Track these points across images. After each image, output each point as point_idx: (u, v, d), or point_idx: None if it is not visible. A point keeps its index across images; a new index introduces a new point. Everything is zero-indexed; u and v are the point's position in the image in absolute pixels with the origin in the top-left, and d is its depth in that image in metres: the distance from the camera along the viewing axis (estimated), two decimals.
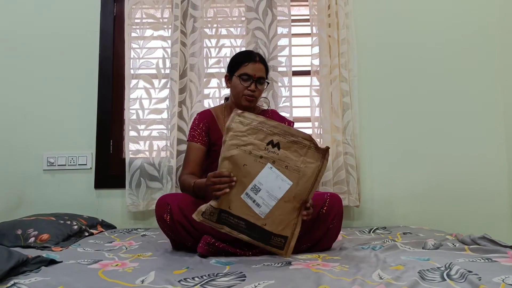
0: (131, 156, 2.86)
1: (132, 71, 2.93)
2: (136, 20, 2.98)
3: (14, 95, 2.98)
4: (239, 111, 1.77)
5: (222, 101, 2.39)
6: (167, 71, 2.92)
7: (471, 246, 1.82)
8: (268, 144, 1.72)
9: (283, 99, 2.90)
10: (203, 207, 1.70)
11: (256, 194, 1.68)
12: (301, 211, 1.72)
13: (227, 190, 1.67)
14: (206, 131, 2.20)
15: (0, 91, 2.98)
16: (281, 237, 1.70)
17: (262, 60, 2.17)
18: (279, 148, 1.72)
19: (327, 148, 1.75)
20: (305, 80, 2.98)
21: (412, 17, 3.05)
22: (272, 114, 2.31)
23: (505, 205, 2.93)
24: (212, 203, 1.70)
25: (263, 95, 2.82)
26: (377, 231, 2.46)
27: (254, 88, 2.11)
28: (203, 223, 1.71)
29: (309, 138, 1.74)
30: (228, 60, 2.25)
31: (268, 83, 2.20)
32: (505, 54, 2.99)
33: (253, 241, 1.71)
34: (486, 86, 3.00)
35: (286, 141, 1.72)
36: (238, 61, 2.15)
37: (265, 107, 2.41)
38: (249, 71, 2.10)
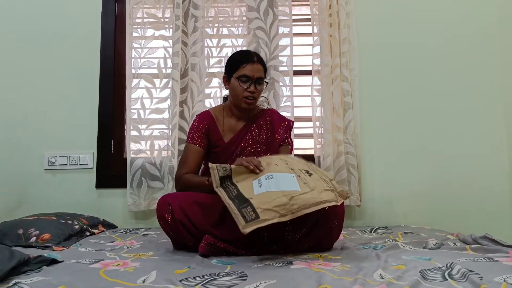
0: (132, 155, 2.86)
1: (133, 71, 2.93)
2: (137, 20, 2.99)
3: (15, 95, 2.99)
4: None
5: (224, 101, 2.38)
6: (168, 70, 2.92)
7: (472, 246, 1.82)
8: (304, 170, 1.87)
9: (284, 98, 2.90)
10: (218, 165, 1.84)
11: (265, 180, 1.75)
12: (285, 217, 1.64)
13: (251, 167, 1.81)
14: (206, 133, 2.20)
15: (1, 91, 2.99)
16: (255, 214, 1.60)
17: (260, 60, 2.16)
18: (310, 175, 1.84)
19: (346, 195, 1.82)
20: (306, 79, 2.98)
21: (412, 17, 3.05)
22: (272, 114, 2.30)
23: (506, 205, 2.93)
24: (227, 166, 1.83)
25: (264, 94, 2.83)
26: (378, 230, 2.46)
27: (254, 90, 2.11)
28: (212, 170, 1.79)
29: (336, 186, 1.83)
30: None
31: (267, 83, 2.20)
32: (505, 54, 2.99)
33: (229, 201, 1.68)
34: (486, 85, 3.00)
35: (318, 176, 1.85)
36: (236, 62, 2.13)
37: (265, 106, 2.41)
38: (247, 73, 2.10)
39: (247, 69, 2.10)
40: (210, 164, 1.84)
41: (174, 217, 1.84)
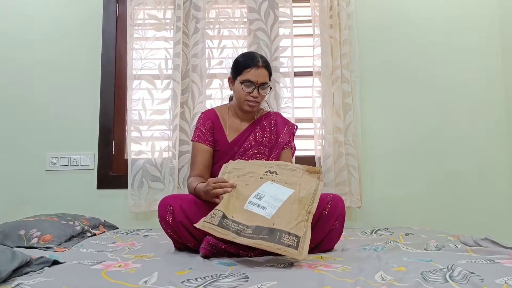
0: (133, 156, 2.86)
1: (134, 72, 2.94)
2: (138, 21, 2.99)
3: (17, 95, 2.99)
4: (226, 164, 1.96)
5: (225, 101, 2.39)
6: (169, 72, 2.92)
7: (473, 248, 1.82)
8: (266, 172, 1.86)
9: (285, 100, 2.91)
10: (204, 218, 1.69)
11: (260, 200, 1.71)
12: (308, 218, 1.67)
13: (229, 189, 1.75)
14: (211, 131, 2.20)
15: (2, 92, 2.99)
16: (293, 236, 1.56)
17: (266, 65, 2.14)
18: (276, 174, 1.85)
19: (319, 170, 1.85)
20: (307, 81, 2.99)
21: (413, 18, 3.06)
22: (276, 117, 2.31)
23: (507, 206, 2.93)
24: (218, 207, 1.72)
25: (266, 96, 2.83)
26: (379, 232, 2.45)
27: (257, 95, 2.11)
28: (204, 229, 1.65)
29: (302, 167, 1.88)
30: (230, 61, 2.25)
31: (271, 88, 2.19)
32: (506, 53, 2.99)
33: (262, 242, 1.55)
34: (488, 86, 3.01)
35: (282, 169, 1.88)
36: (241, 66, 2.12)
37: (269, 109, 2.41)
38: (251, 78, 2.09)
39: (251, 74, 2.09)
40: (197, 225, 1.68)
41: (175, 219, 1.84)
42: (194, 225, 1.69)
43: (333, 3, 2.93)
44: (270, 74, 2.17)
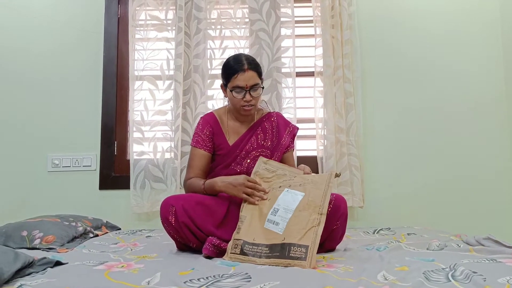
0: (135, 157, 2.87)
1: (136, 73, 2.94)
2: (140, 22, 3.00)
3: (19, 97, 3.00)
4: (264, 159, 2.04)
5: (227, 102, 2.38)
6: (171, 72, 2.93)
7: (475, 247, 1.82)
8: (287, 179, 1.93)
9: (287, 100, 2.91)
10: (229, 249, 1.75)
11: (275, 216, 1.75)
12: (320, 221, 1.70)
13: (257, 202, 1.84)
14: (210, 137, 2.20)
15: (4, 93, 3.00)
16: (301, 247, 1.61)
17: (252, 66, 2.09)
18: (295, 178, 1.92)
19: (338, 173, 1.91)
20: (309, 81, 2.98)
21: (415, 18, 3.05)
22: (277, 118, 2.29)
23: (509, 206, 2.92)
24: (235, 235, 1.77)
25: (267, 96, 2.84)
26: (381, 232, 2.45)
27: (250, 98, 2.09)
28: (232, 261, 1.70)
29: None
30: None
31: (263, 87, 2.16)
32: (507, 53, 2.98)
33: (276, 260, 1.61)
34: (490, 87, 3.00)
35: (290, 175, 1.95)
36: (229, 73, 2.10)
37: (270, 110, 2.41)
38: (240, 83, 2.07)
39: (238, 80, 2.07)
40: (225, 257, 1.74)
41: (178, 219, 1.84)
42: (223, 258, 1.74)
43: (334, 3, 2.92)
44: (259, 74, 2.13)
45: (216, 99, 2.93)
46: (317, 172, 2.85)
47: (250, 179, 1.91)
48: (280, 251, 1.63)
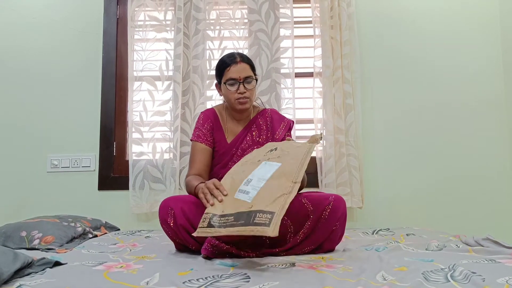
0: (134, 158, 2.87)
1: (135, 73, 2.94)
2: (139, 22, 3.00)
3: (18, 97, 3.00)
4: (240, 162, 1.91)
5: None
6: (170, 73, 2.93)
7: (474, 247, 1.82)
8: (267, 152, 1.84)
9: (286, 100, 2.91)
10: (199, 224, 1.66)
11: (247, 185, 1.66)
12: (292, 189, 1.58)
13: (212, 202, 1.70)
14: (211, 131, 2.20)
15: (3, 94, 3.00)
16: (268, 213, 1.49)
17: (244, 59, 2.13)
18: (276, 150, 1.82)
19: (320, 136, 1.82)
20: (308, 81, 2.99)
21: (414, 18, 3.06)
22: (272, 114, 2.29)
23: (508, 206, 2.93)
24: (206, 210, 1.69)
25: (266, 96, 2.84)
26: (381, 232, 2.45)
27: (243, 90, 2.10)
28: (199, 235, 1.63)
29: (307, 140, 1.83)
30: None
31: (256, 80, 2.17)
32: (507, 53, 2.99)
33: (239, 228, 1.51)
34: (490, 86, 3.01)
35: (284, 144, 1.85)
36: (221, 68, 2.13)
37: (267, 106, 2.41)
38: (233, 75, 2.09)
39: (231, 72, 2.09)
40: (194, 234, 1.66)
41: (177, 222, 1.83)
42: (192, 234, 1.68)
43: (333, 4, 2.93)
44: (252, 67, 2.16)
45: (215, 100, 2.93)
46: (315, 173, 2.85)
47: (215, 183, 1.78)
48: (246, 219, 1.51)
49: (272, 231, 1.43)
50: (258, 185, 1.63)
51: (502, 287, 1.23)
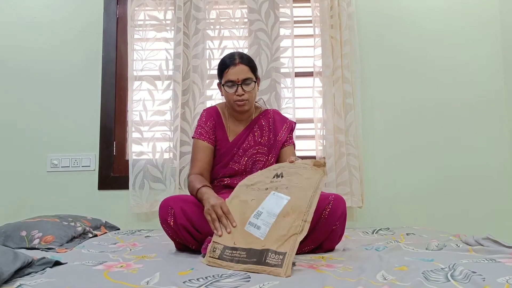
0: (134, 157, 2.87)
1: (135, 73, 2.94)
2: (139, 22, 3.00)
3: (18, 97, 3.00)
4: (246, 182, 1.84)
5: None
6: (170, 72, 2.93)
7: (474, 247, 1.82)
8: (273, 177, 1.79)
9: (286, 100, 2.91)
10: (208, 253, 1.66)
11: (257, 219, 1.66)
12: (303, 228, 1.58)
13: (220, 233, 1.68)
14: (213, 129, 2.19)
15: (3, 94, 3.00)
16: (279, 254, 1.51)
17: (244, 60, 2.10)
18: (282, 177, 1.77)
19: (324, 162, 1.76)
20: (308, 81, 2.99)
21: (414, 18, 3.06)
22: (274, 115, 2.28)
23: (508, 206, 2.93)
24: (215, 238, 1.68)
25: (266, 96, 2.84)
26: (381, 232, 2.45)
27: (242, 92, 2.08)
28: (210, 265, 1.61)
29: (309, 162, 1.77)
30: None
31: (255, 82, 2.13)
32: (507, 52, 2.99)
33: (251, 266, 1.52)
34: (490, 86, 3.01)
35: (289, 169, 1.78)
36: (221, 69, 2.11)
37: (268, 107, 2.41)
38: (231, 77, 2.07)
39: (230, 74, 2.07)
40: (203, 261, 1.65)
41: (177, 221, 1.83)
42: (201, 261, 1.66)
43: (333, 4, 2.93)
44: (252, 68, 2.12)
45: (215, 99, 2.93)
46: None
47: (223, 208, 1.74)
48: (258, 257, 1.53)
49: (285, 272, 1.44)
50: (269, 221, 1.62)
51: (502, 287, 1.23)
